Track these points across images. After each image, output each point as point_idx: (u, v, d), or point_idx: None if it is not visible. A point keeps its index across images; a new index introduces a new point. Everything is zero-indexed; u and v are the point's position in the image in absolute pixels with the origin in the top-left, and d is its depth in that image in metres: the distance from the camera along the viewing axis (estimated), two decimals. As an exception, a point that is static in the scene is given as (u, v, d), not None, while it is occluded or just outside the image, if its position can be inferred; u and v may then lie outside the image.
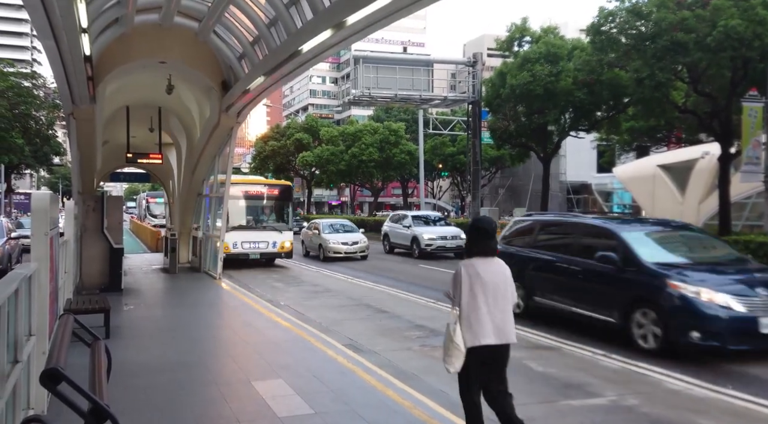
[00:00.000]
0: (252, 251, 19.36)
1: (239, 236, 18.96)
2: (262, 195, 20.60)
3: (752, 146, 17.15)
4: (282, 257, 20.13)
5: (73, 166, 15.98)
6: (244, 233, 19.24)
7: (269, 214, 20.94)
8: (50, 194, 5.76)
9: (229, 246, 17.91)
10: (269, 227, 19.95)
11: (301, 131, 55.75)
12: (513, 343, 4.61)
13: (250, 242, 19.23)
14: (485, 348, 4.47)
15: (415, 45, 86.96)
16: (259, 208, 20.65)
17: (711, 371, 7.63)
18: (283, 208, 21.13)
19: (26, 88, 34.86)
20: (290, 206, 21.47)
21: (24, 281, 4.29)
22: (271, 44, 11.31)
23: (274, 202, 20.91)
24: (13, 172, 46.91)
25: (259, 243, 19.38)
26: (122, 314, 10.56)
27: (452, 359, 4.49)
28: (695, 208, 24.43)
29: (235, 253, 18.77)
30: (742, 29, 15.21)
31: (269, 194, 20.74)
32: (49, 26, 7.57)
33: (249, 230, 19.49)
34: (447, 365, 4.53)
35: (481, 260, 4.59)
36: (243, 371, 7.07)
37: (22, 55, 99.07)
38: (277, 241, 19.59)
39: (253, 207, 20.39)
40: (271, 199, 20.79)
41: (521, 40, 26.64)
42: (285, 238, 19.80)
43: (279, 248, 19.65)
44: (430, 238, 22.91)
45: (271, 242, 19.49)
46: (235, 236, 18.74)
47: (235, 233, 18.68)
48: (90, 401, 2.93)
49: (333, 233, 22.71)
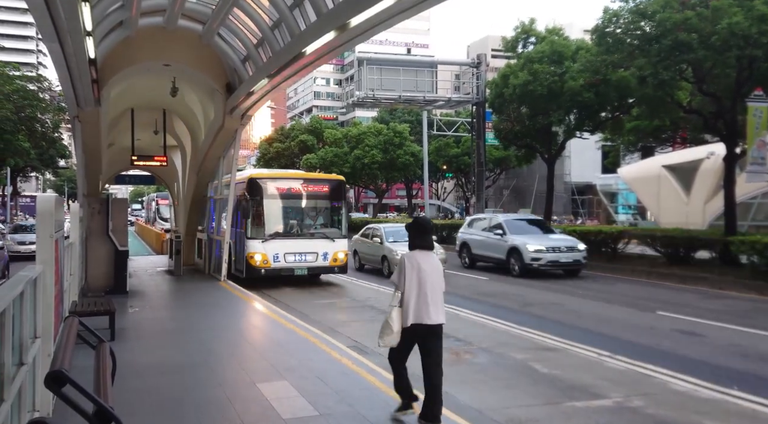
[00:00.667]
0: (298, 266, 15.41)
1: (281, 247, 15.22)
2: (308, 193, 16.27)
3: (757, 146, 17.09)
4: (335, 271, 16.17)
5: (78, 168, 16.04)
6: (286, 242, 15.41)
7: (317, 217, 16.69)
8: (55, 197, 5.79)
9: (269, 259, 14.95)
10: (318, 235, 15.92)
11: (305, 133, 55.88)
12: (443, 323, 5.40)
13: (294, 253, 15.39)
14: (423, 326, 5.26)
15: (419, 46, 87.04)
16: (305, 211, 16.43)
17: (716, 372, 7.61)
18: (335, 210, 16.67)
19: (32, 92, 34.99)
20: (343, 207, 16.71)
21: (29, 283, 4.31)
22: (274, 46, 11.34)
23: (324, 202, 16.65)
24: (19, 175, 47.11)
25: (307, 255, 15.50)
26: (127, 316, 10.59)
27: (385, 336, 5.32)
28: (700, 209, 24.37)
29: (276, 268, 15.15)
30: (746, 26, 15.16)
31: (317, 192, 16.39)
32: (54, 29, 7.60)
33: (293, 239, 15.63)
34: (380, 340, 5.37)
35: (422, 253, 5.43)
36: (247, 372, 7.08)
37: (27, 58, 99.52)
38: (328, 252, 15.66)
39: (297, 209, 16.30)
40: (320, 198, 16.50)
41: (526, 40, 26.62)
42: (338, 248, 15.88)
43: (331, 260, 15.71)
44: (536, 250, 17.52)
45: (321, 253, 15.57)
46: (276, 247, 15.13)
47: (275, 242, 15.10)
48: (95, 404, 2.93)
49: (399, 242, 17.86)
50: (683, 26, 16.08)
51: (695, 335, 9.98)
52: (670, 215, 25.89)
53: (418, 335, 5.29)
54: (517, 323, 10.62)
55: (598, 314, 12.03)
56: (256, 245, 15.01)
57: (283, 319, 10.43)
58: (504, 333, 10.08)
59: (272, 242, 15.12)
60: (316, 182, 16.68)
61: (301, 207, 16.31)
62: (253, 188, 15.40)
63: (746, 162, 17.60)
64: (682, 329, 10.45)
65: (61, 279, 6.66)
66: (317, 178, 18.07)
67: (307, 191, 16.15)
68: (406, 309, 5.28)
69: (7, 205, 45.84)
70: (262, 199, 15.39)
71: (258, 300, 12.50)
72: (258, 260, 14.95)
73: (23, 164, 39.51)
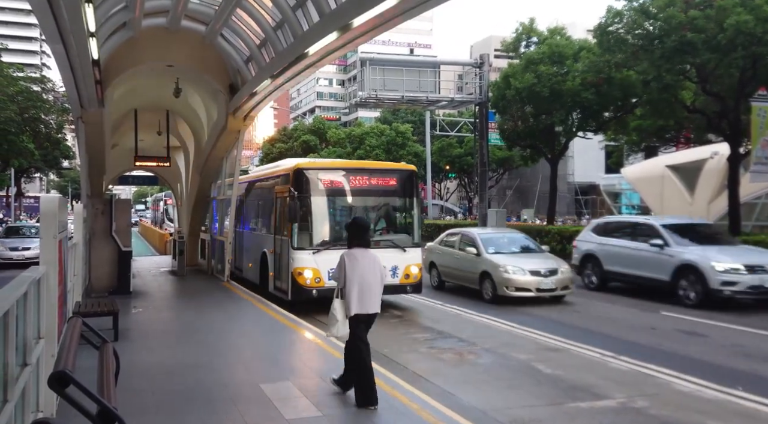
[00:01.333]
0: None
1: (335, 259, 10.83)
2: (371, 188, 12.44)
3: (761, 146, 17.04)
4: (407, 291, 12.43)
5: (82, 169, 16.07)
6: (336, 253, 11.14)
7: (383, 220, 13.03)
8: (59, 197, 5.79)
9: (322, 276, 11.43)
10: (385, 243, 12.11)
11: (308, 133, 55.93)
12: (378, 312, 6.09)
13: None
14: (365, 316, 5.95)
15: (421, 47, 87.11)
16: (368, 211, 12.62)
17: (720, 373, 7.59)
18: (405, 210, 12.78)
19: (36, 93, 35.04)
20: (415, 206, 12.65)
21: (33, 284, 4.32)
22: (277, 47, 11.35)
23: (391, 200, 12.79)
24: (23, 175, 47.23)
25: None
26: (131, 317, 10.61)
27: (331, 327, 6.00)
28: (704, 209, 24.27)
29: (332, 287, 10.23)
30: (753, 25, 15.13)
31: (383, 186, 12.53)
32: (58, 30, 7.61)
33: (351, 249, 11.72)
34: (328, 332, 6.13)
35: (360, 250, 6.12)
36: (250, 373, 7.08)
37: (31, 59, 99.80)
38: (398, 265, 11.99)
39: (356, 209, 12.42)
40: (386, 193, 12.63)
41: (528, 41, 26.59)
42: (411, 260, 12.16)
43: (402, 277, 12.05)
44: (727, 269, 12.16)
45: (389, 267, 11.61)
46: (331, 260, 10.34)
47: (329, 254, 11.18)
48: (98, 404, 2.94)
49: (506, 255, 13.61)
50: (689, 26, 16.05)
51: (698, 335, 9.96)
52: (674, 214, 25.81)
53: (361, 321, 5.97)
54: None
55: (599, 315, 12.04)
56: (304, 258, 11.41)
57: (285, 319, 10.43)
58: (506, 333, 10.08)
59: (326, 254, 11.28)
60: (381, 174, 12.73)
61: (362, 206, 12.51)
62: (300, 182, 11.70)
63: (750, 162, 17.56)
64: (685, 329, 10.44)
65: (65, 280, 6.68)
66: (383, 168, 13.82)
67: (371, 185, 12.38)
68: (348, 301, 5.91)
69: (11, 206, 45.98)
70: (312, 196, 11.70)
71: (259, 300, 12.50)
72: (308, 277, 11.34)
73: (27, 165, 39.60)
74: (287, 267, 11.73)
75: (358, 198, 12.44)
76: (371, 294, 5.97)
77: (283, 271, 12.13)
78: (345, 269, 5.96)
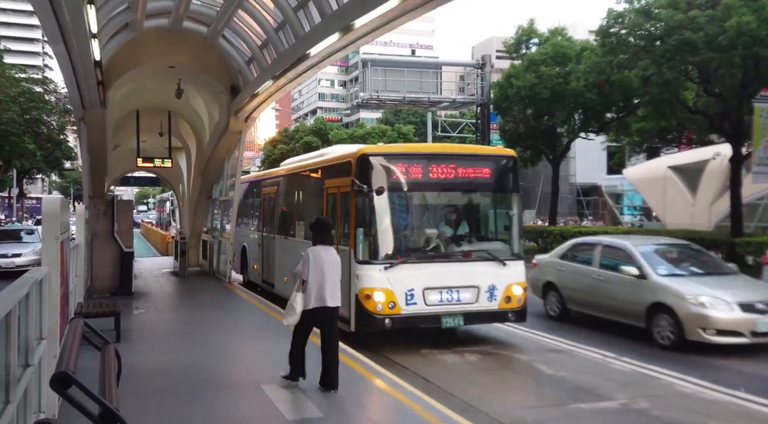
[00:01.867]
0: (447, 310, 8.83)
1: (417, 277, 8.81)
2: (459, 180, 9.47)
3: (764, 147, 17.00)
4: (508, 319, 9.36)
5: (83, 170, 16.10)
6: (425, 268, 8.96)
7: (473, 222, 9.90)
8: (61, 199, 5.80)
9: (397, 300, 8.59)
10: (478, 254, 9.36)
11: (309, 134, 55.91)
12: (339, 305, 6.49)
13: (441, 289, 8.85)
14: (324, 308, 6.28)
15: (423, 48, 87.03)
16: (450, 212, 9.66)
17: (723, 374, 7.57)
18: (502, 209, 9.83)
19: (38, 94, 35.08)
20: (515, 204, 9.73)
21: (35, 285, 4.32)
22: (279, 48, 11.36)
23: (484, 196, 9.94)
24: (25, 176, 47.32)
25: (460, 291, 8.92)
26: (132, 318, 10.60)
27: (288, 317, 6.37)
28: (707, 210, 24.25)
29: (410, 315, 8.69)
30: (755, 26, 15.11)
31: (474, 178, 9.56)
32: (60, 31, 7.63)
33: (436, 263, 9.11)
34: (284, 320, 6.45)
35: (322, 248, 6.43)
36: (252, 373, 7.08)
37: (33, 60, 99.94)
38: (496, 285, 9.05)
39: (439, 208, 9.69)
40: (478, 187, 9.76)
41: (528, 42, 26.59)
42: (512, 277, 9.21)
43: (502, 300, 9.06)
44: None
45: (484, 287, 8.99)
46: (409, 278, 8.75)
47: (406, 269, 8.73)
48: (100, 405, 2.94)
49: (688, 278, 9.69)
50: (689, 25, 16.04)
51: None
52: (676, 215, 25.77)
53: (319, 317, 6.33)
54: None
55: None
56: (374, 276, 8.55)
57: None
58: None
59: (403, 270, 8.64)
60: (473, 161, 9.60)
61: (447, 204, 9.65)
62: (367, 172, 8.78)
63: (752, 163, 17.52)
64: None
65: (67, 280, 6.68)
66: (476, 153, 10.58)
67: (459, 176, 9.31)
68: (309, 294, 6.26)
69: (13, 207, 46.04)
70: (383, 191, 8.71)
71: (261, 301, 12.50)
72: (379, 301, 8.46)
73: (29, 166, 39.69)
74: (348, 287, 8.57)
75: (443, 194, 9.51)
76: (331, 289, 6.35)
77: (343, 292, 8.14)
78: (309, 265, 6.30)
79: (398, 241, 9.03)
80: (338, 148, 11.93)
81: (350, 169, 8.99)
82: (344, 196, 9.23)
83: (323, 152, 12.40)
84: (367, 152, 9.06)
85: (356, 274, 8.64)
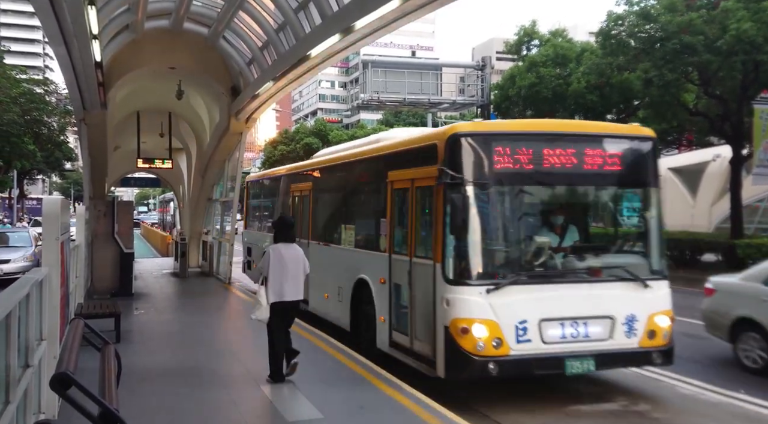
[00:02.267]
0: (572, 351, 6.38)
1: (530, 304, 6.39)
2: (580, 170, 6.84)
3: (764, 149, 17.02)
4: (652, 361, 6.77)
5: (84, 171, 16.10)
6: (538, 291, 6.55)
7: (571, 230, 7.12)
8: (61, 199, 5.80)
9: (504, 337, 6.20)
10: (610, 272, 6.92)
11: (310, 136, 55.96)
12: (301, 299, 6.84)
13: (561, 320, 6.43)
14: (286, 302, 6.64)
15: (423, 49, 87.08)
16: (560, 213, 7.08)
17: (723, 376, 7.56)
18: (636, 209, 7.46)
19: (38, 95, 35.11)
20: (654, 202, 7.15)
21: (35, 285, 4.32)
22: (279, 49, 11.36)
23: (614, 193, 7.38)
24: (26, 177, 47.34)
25: (588, 323, 6.49)
26: (133, 319, 10.60)
27: (256, 311, 6.65)
28: (707, 212, 24.25)
29: (523, 356, 6.29)
30: (753, 33, 15.13)
31: (602, 168, 6.90)
32: (60, 33, 7.63)
33: (551, 283, 6.71)
34: (252, 315, 6.72)
35: (284, 245, 6.76)
36: (252, 374, 7.08)
37: (34, 61, 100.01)
38: (636, 315, 6.61)
39: (557, 209, 7.11)
40: (608, 181, 7.16)
41: (529, 43, 26.60)
42: (654, 304, 6.81)
43: (644, 336, 6.61)
44: None
45: (620, 318, 6.57)
46: (518, 304, 6.34)
47: (515, 293, 6.36)
48: (100, 406, 2.94)
49: None
50: (688, 29, 16.06)
51: (701, 338, 9.92)
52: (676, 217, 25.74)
53: (278, 310, 6.63)
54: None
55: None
56: (473, 302, 6.25)
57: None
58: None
59: (510, 294, 6.33)
60: (605, 143, 7.03)
61: (568, 202, 7.25)
62: (463, 158, 6.51)
63: (752, 164, 17.53)
64: (688, 332, 10.40)
65: (67, 281, 6.68)
66: (609, 132, 7.61)
67: (587, 165, 6.82)
68: (269, 290, 6.59)
69: (13, 207, 46.04)
70: (487, 184, 6.52)
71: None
72: (480, 338, 6.14)
73: (30, 167, 39.72)
74: (434, 316, 6.45)
75: (563, 188, 7.03)
76: (292, 285, 6.67)
77: (423, 322, 6.76)
78: (270, 261, 6.62)
79: (505, 253, 6.67)
80: (397, 133, 9.49)
81: (436, 155, 6.61)
82: (423, 192, 7.03)
83: (378, 138, 9.94)
84: (461, 131, 6.58)
85: (446, 298, 6.24)
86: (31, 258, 16.61)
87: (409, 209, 7.32)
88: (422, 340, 6.76)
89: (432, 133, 7.80)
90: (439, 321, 6.37)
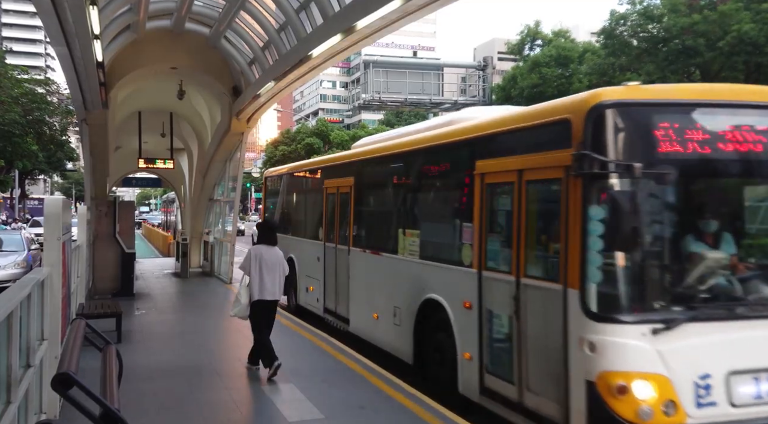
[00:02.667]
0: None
1: (711, 349, 4.30)
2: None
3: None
4: None
5: (85, 171, 16.11)
6: (721, 331, 4.37)
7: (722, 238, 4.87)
8: (63, 199, 5.81)
9: (677, 398, 4.17)
10: None
11: (311, 136, 56.02)
12: (279, 299, 7.17)
13: (755, 373, 4.32)
14: (265, 301, 6.96)
15: (425, 49, 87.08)
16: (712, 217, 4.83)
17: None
18: None
19: (40, 95, 35.20)
20: None
21: (36, 286, 4.32)
22: (281, 49, 11.36)
23: None
24: (27, 177, 47.46)
25: None
26: (134, 319, 10.60)
27: (234, 308, 7.08)
28: (708, 212, 24.27)
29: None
30: (754, 34, 15.15)
31: None
32: (62, 33, 7.63)
33: (737, 320, 4.45)
34: (231, 311, 7.17)
35: (265, 247, 7.10)
36: (253, 375, 7.08)
37: (36, 61, 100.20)
38: None
39: (734, 214, 5.47)
40: None
41: (532, 43, 26.64)
42: None
43: None
44: None
45: None
46: (696, 350, 4.27)
47: (688, 333, 4.24)
48: (101, 406, 2.94)
49: None
50: (691, 30, 16.07)
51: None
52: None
53: (257, 309, 6.98)
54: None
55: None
56: (631, 348, 4.24)
57: (289, 321, 10.42)
58: None
59: (685, 335, 4.27)
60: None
61: (755, 197, 5.70)
62: (610, 138, 4.44)
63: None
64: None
65: (69, 281, 6.69)
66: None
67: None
68: (251, 289, 6.94)
69: (15, 207, 46.13)
70: (665, 176, 4.39)
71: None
72: (645, 400, 4.16)
73: (31, 167, 39.83)
74: (565, 364, 4.61)
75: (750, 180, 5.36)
76: (271, 284, 6.96)
77: (542, 369, 4.97)
78: (250, 261, 6.97)
79: (677, 275, 4.68)
80: (477, 112, 7.38)
81: (567, 135, 4.64)
82: (539, 187, 5.21)
83: (451, 119, 7.69)
84: (611, 99, 4.49)
85: (590, 341, 4.36)
86: (24, 264, 15.09)
87: (514, 211, 5.33)
88: (540, 394, 4.88)
89: (558, 104, 5.28)
90: (574, 372, 4.47)
